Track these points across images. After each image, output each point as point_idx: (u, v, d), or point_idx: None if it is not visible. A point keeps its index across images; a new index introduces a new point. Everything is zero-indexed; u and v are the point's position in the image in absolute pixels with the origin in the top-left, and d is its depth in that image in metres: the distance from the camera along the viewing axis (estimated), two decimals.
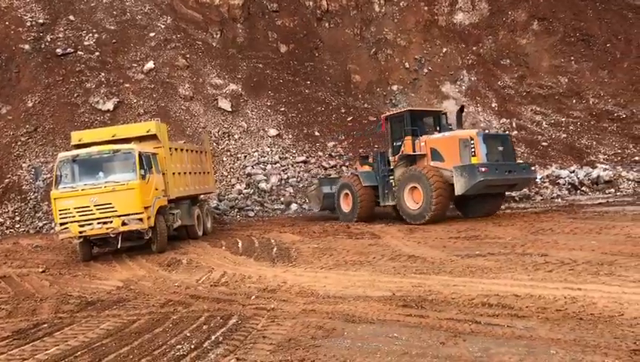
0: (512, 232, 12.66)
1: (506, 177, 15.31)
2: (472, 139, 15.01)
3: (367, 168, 18.26)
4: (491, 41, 32.18)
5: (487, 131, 16.03)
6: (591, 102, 29.51)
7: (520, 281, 8.06)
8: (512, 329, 5.99)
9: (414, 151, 16.29)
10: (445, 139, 15.87)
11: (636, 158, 25.02)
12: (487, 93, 29.96)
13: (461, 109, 17.63)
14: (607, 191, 21.07)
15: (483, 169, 14.58)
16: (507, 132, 16.36)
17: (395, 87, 31.34)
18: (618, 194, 20.58)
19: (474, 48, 32.11)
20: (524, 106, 29.59)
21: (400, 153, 16.65)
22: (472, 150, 14.91)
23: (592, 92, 29.85)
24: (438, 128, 16.96)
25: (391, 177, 16.93)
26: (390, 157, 17.20)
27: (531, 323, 6.16)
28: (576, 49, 31.27)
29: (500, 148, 15.50)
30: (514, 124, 27.93)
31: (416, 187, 15.61)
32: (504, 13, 32.68)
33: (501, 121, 28.57)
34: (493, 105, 29.43)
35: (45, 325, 8.08)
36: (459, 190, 14.87)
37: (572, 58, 31.12)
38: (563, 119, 28.56)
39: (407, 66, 31.75)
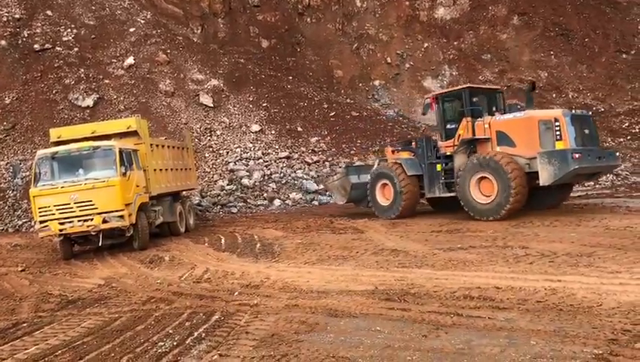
0: (493, 225, 12.77)
1: (596, 164, 13.34)
2: (556, 120, 12.89)
3: (405, 155, 16.07)
4: (472, 36, 32.38)
5: (573, 111, 13.81)
6: (570, 96, 29.88)
7: (501, 274, 8.14)
8: (493, 321, 6.06)
9: (474, 135, 14.21)
10: (518, 120, 13.66)
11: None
12: None
13: (532, 86, 15.32)
14: (586, 184, 21.35)
15: (576, 155, 12.55)
16: (590, 112, 14.45)
17: (377, 82, 31.41)
18: (597, 186, 20.89)
19: (455, 43, 32.28)
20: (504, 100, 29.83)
21: (457, 137, 14.52)
22: (558, 133, 12.81)
23: (571, 86, 30.21)
24: (494, 108, 14.91)
25: (445, 165, 14.82)
26: (440, 142, 15.11)
27: (512, 314, 6.23)
28: (556, 44, 31.61)
29: (586, 131, 13.38)
30: None
31: (486, 177, 13.48)
32: (485, 8, 32.89)
33: None
34: None
35: (25, 324, 7.99)
36: (546, 180, 12.79)
37: (552, 53, 31.45)
38: None
39: (389, 61, 31.83)
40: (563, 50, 31.43)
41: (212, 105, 27.02)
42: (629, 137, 26.98)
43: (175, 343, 6.35)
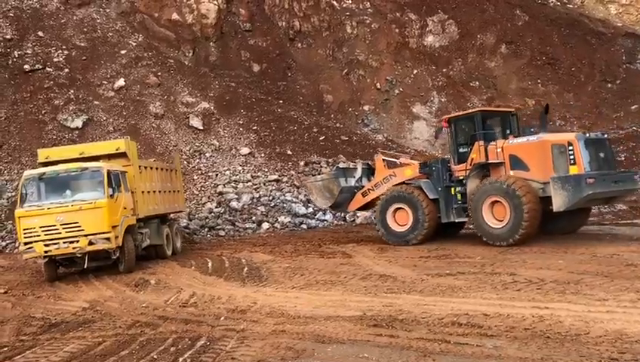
0: (481, 251, 12.79)
1: (612, 189, 13.14)
2: (570, 144, 12.78)
3: (408, 172, 15.57)
4: (461, 64, 32.81)
5: (588, 135, 13.60)
6: (557, 124, 30.21)
7: (489, 300, 8.14)
8: (481, 348, 6.03)
9: (487, 159, 13.99)
10: (531, 144, 13.50)
11: None
12: None
13: (546, 109, 15.01)
14: None
15: (590, 180, 12.41)
16: (605, 134, 14.35)
17: (366, 108, 31.63)
18: None
19: (444, 70, 32.68)
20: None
21: (469, 161, 14.28)
22: (572, 157, 12.69)
23: (558, 114, 30.58)
24: (508, 131, 14.70)
25: (458, 189, 14.49)
26: (453, 166, 14.78)
27: (500, 342, 6.21)
28: (543, 72, 32.09)
29: (602, 155, 13.21)
30: None
31: (498, 201, 13.26)
32: (473, 36, 33.40)
33: None
34: None
35: (6, 348, 7.84)
36: (559, 205, 12.58)
37: (539, 81, 31.91)
38: None
39: (379, 87, 32.11)
40: (550, 79, 31.89)
41: (202, 128, 27.02)
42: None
43: None
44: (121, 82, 27.66)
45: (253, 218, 22.37)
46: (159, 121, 26.74)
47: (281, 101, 30.46)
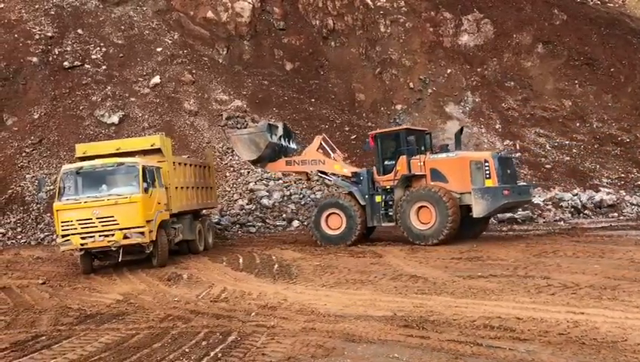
0: (514, 254, 12.62)
1: (517, 199, 15.41)
2: (486, 161, 14.88)
3: (336, 166, 17.19)
4: (496, 63, 32.31)
5: (500, 154, 15.82)
6: (594, 126, 29.53)
7: (522, 304, 8.02)
8: (513, 352, 5.95)
9: (411, 172, 15.68)
10: (451, 160, 15.48)
11: (639, 183, 24.95)
12: (491, 114, 29.99)
13: (460, 130, 17.52)
14: (610, 215, 21.01)
15: (506, 192, 14.61)
16: (512, 153, 16.57)
17: (399, 107, 31.41)
18: (621, 218, 20.53)
19: (478, 70, 32.23)
20: (527, 128, 29.56)
21: (395, 172, 15.92)
22: (487, 172, 14.74)
23: (595, 116, 29.88)
24: (423, 148, 16.51)
25: (385, 197, 16.10)
26: (377, 176, 16.37)
27: (533, 346, 6.11)
28: (581, 73, 31.37)
29: (509, 171, 15.53)
30: (517, 146, 27.94)
31: (425, 206, 15.04)
32: (509, 36, 32.86)
33: (505, 143, 28.56)
34: (497, 126, 29.45)
35: (44, 337, 8.05)
36: (479, 212, 14.65)
37: (576, 82, 31.21)
38: (566, 142, 28.55)
39: (412, 86, 31.85)
40: (588, 80, 31.15)
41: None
42: None
43: None
44: (156, 79, 28.10)
45: (284, 215, 22.48)
46: (193, 118, 27.08)
47: (313, 99, 30.52)
